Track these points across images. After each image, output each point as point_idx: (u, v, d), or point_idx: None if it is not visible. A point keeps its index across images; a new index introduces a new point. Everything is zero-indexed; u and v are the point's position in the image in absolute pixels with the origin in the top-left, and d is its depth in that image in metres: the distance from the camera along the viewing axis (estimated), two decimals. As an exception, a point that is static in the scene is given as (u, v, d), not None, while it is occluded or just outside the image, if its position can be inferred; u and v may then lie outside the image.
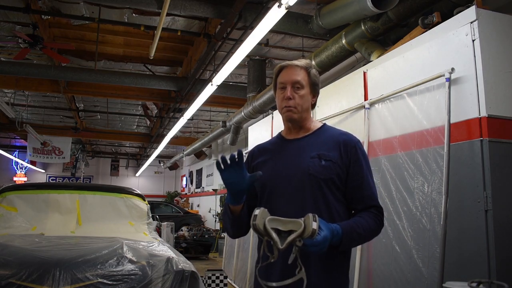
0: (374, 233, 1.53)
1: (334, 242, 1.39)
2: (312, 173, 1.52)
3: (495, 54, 2.51)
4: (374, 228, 1.52)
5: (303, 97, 1.60)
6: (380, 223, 1.54)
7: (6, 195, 3.73)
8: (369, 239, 1.55)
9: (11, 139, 15.12)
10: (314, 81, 1.63)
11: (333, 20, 4.28)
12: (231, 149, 11.92)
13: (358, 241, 1.50)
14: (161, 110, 10.30)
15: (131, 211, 4.03)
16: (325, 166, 1.52)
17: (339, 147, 1.56)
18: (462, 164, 2.47)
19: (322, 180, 1.52)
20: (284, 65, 1.65)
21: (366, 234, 1.49)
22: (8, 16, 5.66)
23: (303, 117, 1.63)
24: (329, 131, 1.65)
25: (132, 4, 4.68)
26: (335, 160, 1.54)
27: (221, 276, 4.84)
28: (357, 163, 1.56)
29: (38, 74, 6.68)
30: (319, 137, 1.62)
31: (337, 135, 1.62)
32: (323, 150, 1.56)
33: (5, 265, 2.36)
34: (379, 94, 3.23)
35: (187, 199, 17.91)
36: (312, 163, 1.53)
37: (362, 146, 1.63)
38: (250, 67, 6.76)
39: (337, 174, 1.53)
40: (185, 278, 2.59)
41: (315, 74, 1.64)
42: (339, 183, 1.54)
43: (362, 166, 1.56)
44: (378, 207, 1.55)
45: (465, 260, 2.37)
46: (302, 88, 1.60)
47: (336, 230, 1.39)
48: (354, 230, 1.45)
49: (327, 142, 1.59)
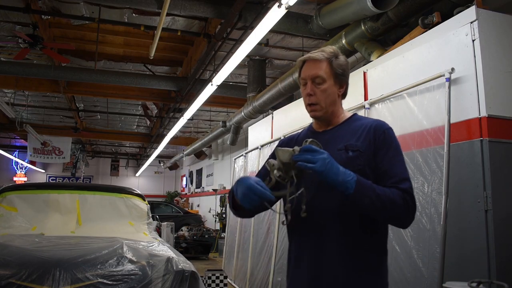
0: (396, 207, 1.35)
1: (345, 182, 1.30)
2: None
3: (495, 54, 2.51)
4: (398, 203, 1.35)
5: (325, 91, 1.50)
6: (407, 204, 1.36)
7: (6, 195, 3.73)
8: (389, 210, 1.35)
9: (11, 139, 15.12)
10: (338, 71, 1.51)
11: (333, 20, 4.28)
12: (231, 149, 11.92)
13: (374, 202, 1.32)
14: (161, 110, 10.30)
15: (131, 211, 4.03)
16: (352, 157, 1.43)
17: (368, 135, 1.46)
18: (462, 164, 2.48)
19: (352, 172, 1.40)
20: (304, 58, 1.55)
21: (385, 200, 1.33)
22: (8, 16, 5.66)
23: (329, 111, 1.52)
24: (359, 121, 1.54)
25: (132, 4, 4.68)
26: (363, 149, 1.43)
27: (221, 276, 4.84)
28: (384, 148, 1.44)
29: (38, 74, 6.68)
30: (348, 128, 1.52)
31: (367, 123, 1.51)
32: (352, 140, 1.46)
33: (5, 265, 2.36)
34: (379, 94, 3.23)
35: (187, 199, 17.91)
36: (338, 156, 1.42)
37: (394, 133, 1.50)
38: (250, 67, 6.76)
39: (366, 164, 1.43)
40: (185, 278, 2.59)
41: (339, 64, 1.52)
42: (369, 172, 1.42)
43: (389, 152, 1.44)
44: (409, 193, 1.38)
45: (465, 260, 2.38)
46: (324, 82, 1.50)
47: (348, 172, 1.32)
48: (371, 187, 1.34)
49: (356, 132, 1.48)
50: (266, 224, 5.05)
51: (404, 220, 1.40)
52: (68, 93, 8.49)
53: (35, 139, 11.80)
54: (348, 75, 1.56)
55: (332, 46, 1.56)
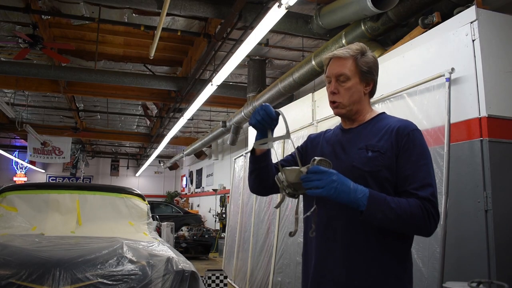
0: (413, 218, 1.29)
1: (356, 200, 1.26)
2: (356, 165, 1.40)
3: (495, 54, 2.51)
4: (415, 213, 1.29)
5: (349, 90, 1.47)
6: (427, 212, 1.29)
7: (6, 195, 3.73)
8: (406, 223, 1.30)
9: (11, 139, 15.12)
10: (363, 69, 1.48)
11: (333, 20, 4.28)
12: (231, 149, 11.92)
13: (388, 215, 1.28)
14: (161, 110, 10.30)
15: (131, 211, 4.03)
16: (371, 158, 1.38)
17: (391, 136, 1.40)
18: (462, 164, 2.48)
19: (367, 172, 1.38)
20: (329, 56, 1.53)
21: (400, 213, 1.28)
22: (8, 16, 5.66)
23: (354, 109, 1.50)
24: (385, 120, 1.48)
25: (132, 4, 4.68)
26: (384, 150, 1.38)
27: (221, 276, 4.84)
28: (407, 152, 1.37)
29: (38, 74, 6.68)
30: (372, 127, 1.47)
31: (392, 122, 1.45)
32: (373, 140, 1.42)
33: (5, 265, 2.36)
34: (379, 94, 3.21)
35: (187, 199, 17.91)
36: (357, 155, 1.41)
37: (420, 135, 1.42)
38: (250, 67, 6.76)
39: (386, 166, 1.37)
40: (185, 278, 2.59)
41: (366, 61, 1.48)
42: (389, 175, 1.37)
43: (412, 156, 1.36)
44: (430, 200, 1.31)
45: (465, 260, 2.38)
46: (348, 80, 1.47)
47: (360, 189, 1.27)
48: (385, 201, 1.28)
49: (379, 132, 1.44)
50: (266, 224, 5.05)
51: (424, 229, 1.32)
52: (68, 93, 8.49)
53: (35, 139, 11.80)
54: (375, 72, 1.52)
55: (360, 43, 1.53)
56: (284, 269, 4.36)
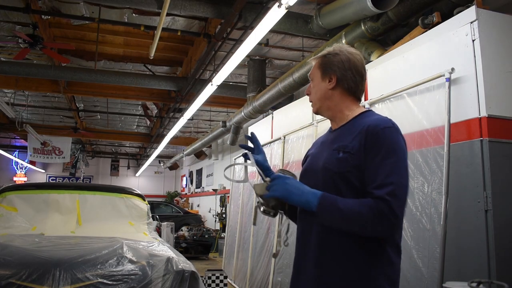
0: (361, 220, 1.26)
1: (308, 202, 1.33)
2: (326, 167, 1.40)
3: (495, 54, 2.51)
4: (364, 214, 1.25)
5: (315, 88, 1.53)
6: (377, 212, 1.25)
7: (6, 195, 3.73)
8: (353, 224, 1.29)
9: (11, 139, 15.12)
10: (325, 64, 1.49)
11: (333, 20, 4.28)
12: (231, 149, 11.92)
13: (337, 218, 1.30)
14: (161, 110, 10.30)
15: (131, 211, 4.03)
16: (341, 159, 1.37)
17: (360, 136, 1.37)
18: (462, 164, 2.48)
19: (336, 174, 1.37)
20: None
21: (349, 213, 1.27)
22: (8, 16, 5.66)
23: (325, 107, 1.52)
24: (364, 119, 1.43)
25: (132, 4, 4.68)
26: (354, 151, 1.35)
27: (221, 276, 4.84)
28: (373, 151, 1.33)
29: (38, 74, 6.68)
30: (351, 127, 1.45)
31: (367, 121, 1.40)
32: (347, 140, 1.40)
33: (5, 265, 2.36)
34: (379, 94, 3.23)
35: (187, 199, 17.91)
36: (330, 156, 1.41)
37: (391, 132, 1.37)
38: (250, 67, 6.76)
39: (356, 166, 1.34)
40: (185, 278, 2.59)
41: (330, 58, 1.49)
42: (359, 176, 1.34)
43: (378, 155, 1.32)
44: (384, 200, 1.25)
45: (465, 260, 2.38)
46: (313, 79, 1.54)
47: (313, 192, 1.34)
48: (335, 202, 1.30)
49: (354, 131, 1.40)
50: (266, 224, 5.05)
51: (372, 229, 1.27)
52: (68, 93, 8.49)
53: (35, 139, 11.80)
54: (340, 67, 1.47)
55: (340, 45, 1.55)
56: (284, 269, 4.36)
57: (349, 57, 1.48)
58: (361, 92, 1.53)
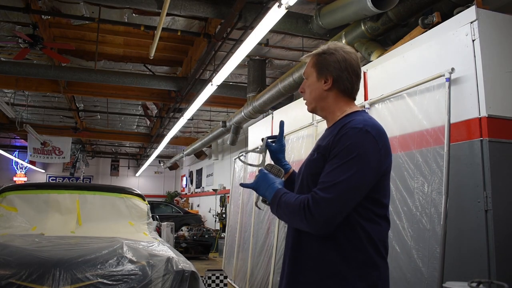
0: (292, 213, 1.34)
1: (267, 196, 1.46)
2: (304, 168, 1.47)
3: (495, 54, 2.51)
4: (295, 208, 1.32)
5: (309, 87, 1.51)
6: (302, 207, 1.29)
7: (6, 195, 3.73)
8: (289, 216, 1.38)
9: (11, 139, 15.12)
10: (321, 63, 1.47)
11: (333, 20, 4.28)
12: (231, 149, 11.92)
13: (281, 211, 1.40)
14: (161, 110, 10.30)
15: (131, 211, 4.03)
16: (314, 160, 1.40)
17: (331, 137, 1.37)
18: (462, 164, 2.47)
19: (308, 175, 1.42)
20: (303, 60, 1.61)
21: (286, 207, 1.36)
22: (8, 16, 5.66)
23: (319, 107, 1.51)
24: (346, 120, 1.40)
25: (132, 4, 4.68)
26: (325, 151, 1.36)
27: (221, 276, 4.84)
28: (333, 151, 1.33)
29: (38, 74, 6.68)
30: (334, 128, 1.43)
31: (345, 122, 1.39)
32: (324, 142, 1.40)
33: (5, 265, 2.36)
34: (379, 94, 3.23)
35: (187, 199, 17.91)
36: (308, 157, 1.47)
37: (356, 134, 1.31)
38: (250, 67, 6.76)
39: (324, 167, 1.35)
40: (185, 278, 2.59)
41: (326, 58, 1.46)
42: None
43: (335, 156, 1.31)
44: (311, 195, 1.30)
45: (465, 260, 2.37)
46: (308, 78, 1.53)
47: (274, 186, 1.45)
48: (281, 197, 1.40)
49: (332, 132, 1.40)
50: (266, 224, 5.05)
51: (299, 222, 1.32)
52: (68, 93, 8.49)
53: (35, 139, 11.80)
54: (336, 67, 1.45)
55: (335, 43, 1.54)
56: (284, 269, 4.35)
57: (345, 56, 1.46)
58: (356, 92, 1.51)
